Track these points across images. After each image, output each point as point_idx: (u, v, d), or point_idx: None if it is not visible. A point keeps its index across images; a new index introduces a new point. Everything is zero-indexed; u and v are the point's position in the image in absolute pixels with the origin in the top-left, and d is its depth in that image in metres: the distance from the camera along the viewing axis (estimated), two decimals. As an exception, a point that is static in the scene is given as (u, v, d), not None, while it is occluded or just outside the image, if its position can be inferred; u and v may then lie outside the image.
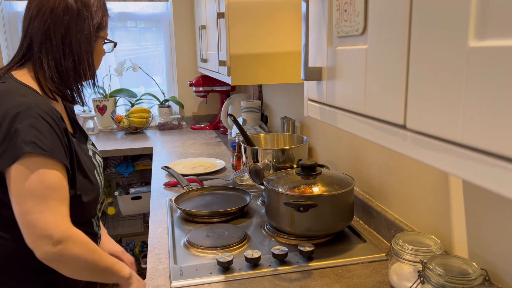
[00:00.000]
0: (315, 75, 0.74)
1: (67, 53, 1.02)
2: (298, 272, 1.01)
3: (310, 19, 0.77)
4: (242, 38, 1.43)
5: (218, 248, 1.11)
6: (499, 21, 0.35)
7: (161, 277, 1.01)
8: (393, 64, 0.51)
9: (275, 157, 1.36)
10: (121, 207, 2.57)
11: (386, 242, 1.16)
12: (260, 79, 1.47)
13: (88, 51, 1.05)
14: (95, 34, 1.06)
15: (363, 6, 0.57)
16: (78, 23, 1.02)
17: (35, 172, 0.90)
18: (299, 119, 1.89)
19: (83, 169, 1.06)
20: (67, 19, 1.00)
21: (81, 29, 1.02)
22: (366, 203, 1.27)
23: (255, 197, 1.51)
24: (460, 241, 0.91)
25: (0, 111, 0.92)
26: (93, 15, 1.04)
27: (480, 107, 0.37)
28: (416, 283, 0.79)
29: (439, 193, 0.97)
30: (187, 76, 3.00)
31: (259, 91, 2.54)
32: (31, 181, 0.90)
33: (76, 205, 1.02)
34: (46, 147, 0.91)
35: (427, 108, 0.45)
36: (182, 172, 1.79)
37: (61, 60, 1.02)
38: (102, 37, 1.09)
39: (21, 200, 0.90)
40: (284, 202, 1.08)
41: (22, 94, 0.95)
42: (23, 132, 0.89)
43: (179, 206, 1.36)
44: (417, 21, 0.46)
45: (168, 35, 3.00)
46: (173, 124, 2.91)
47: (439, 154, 0.43)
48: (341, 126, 0.67)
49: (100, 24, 1.07)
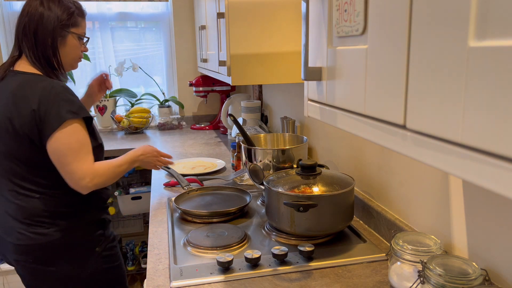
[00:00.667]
0: (315, 75, 0.74)
1: (38, 44, 1.31)
2: (298, 272, 1.01)
3: (310, 19, 0.77)
4: (242, 38, 1.43)
5: (218, 248, 1.11)
6: (499, 21, 0.35)
7: (161, 277, 1.01)
8: (393, 64, 0.51)
9: (275, 157, 1.36)
10: (121, 207, 2.57)
11: (386, 242, 1.16)
12: (260, 79, 1.47)
13: (53, 44, 1.32)
14: (61, 30, 1.33)
15: (363, 6, 0.57)
16: (44, 21, 1.30)
17: (73, 133, 1.25)
18: (299, 119, 1.89)
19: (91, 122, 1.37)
20: (37, 19, 1.30)
21: (46, 26, 1.30)
22: (366, 203, 1.27)
23: (255, 197, 1.51)
24: (460, 241, 0.91)
25: (35, 96, 1.23)
26: (58, 16, 1.32)
27: (480, 107, 0.37)
28: (416, 283, 0.79)
29: (439, 193, 0.97)
30: (187, 76, 3.00)
31: (259, 91, 2.54)
32: (70, 140, 1.24)
33: (101, 153, 1.42)
34: (76, 111, 1.26)
35: (427, 108, 0.45)
36: (182, 172, 1.79)
37: (35, 50, 1.31)
38: (71, 32, 1.36)
39: (62, 156, 1.24)
40: (284, 202, 1.08)
41: (40, 80, 1.28)
42: (58, 105, 1.23)
43: (179, 206, 1.36)
44: (417, 21, 0.46)
45: (168, 35, 3.00)
46: (173, 124, 2.91)
47: (439, 154, 0.43)
48: (341, 126, 0.67)
49: (66, 22, 1.33)
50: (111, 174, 1.34)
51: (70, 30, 1.35)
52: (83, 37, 1.41)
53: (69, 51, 1.37)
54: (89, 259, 1.39)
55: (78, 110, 1.27)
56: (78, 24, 1.37)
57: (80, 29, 1.38)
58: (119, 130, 2.90)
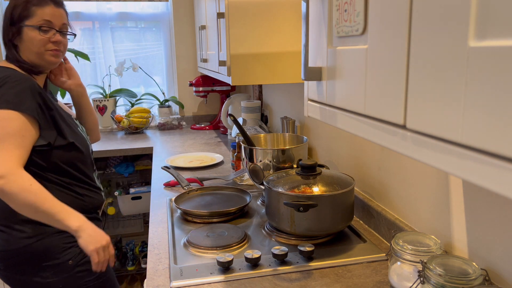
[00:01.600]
0: (315, 75, 0.74)
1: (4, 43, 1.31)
2: (298, 272, 1.01)
3: (310, 19, 0.77)
4: (242, 38, 1.43)
5: (218, 248, 1.11)
6: (499, 21, 0.35)
7: (161, 277, 1.01)
8: (393, 64, 0.51)
9: (275, 157, 1.36)
10: (121, 207, 2.57)
11: (386, 242, 1.16)
12: (260, 79, 1.47)
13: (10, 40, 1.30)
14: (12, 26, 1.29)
15: (363, 6, 0.57)
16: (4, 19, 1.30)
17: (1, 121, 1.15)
18: (299, 119, 1.89)
19: (67, 123, 1.32)
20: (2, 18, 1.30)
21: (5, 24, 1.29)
22: (366, 203, 1.27)
23: (255, 197, 1.51)
24: (460, 241, 0.91)
25: None
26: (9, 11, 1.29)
27: (480, 107, 0.37)
28: (416, 283, 0.79)
29: (439, 193, 0.97)
30: (187, 76, 3.00)
31: (259, 91, 2.54)
32: None
33: (76, 153, 1.32)
34: (12, 102, 1.17)
35: (427, 108, 0.45)
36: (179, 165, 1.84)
37: (5, 49, 1.32)
38: (25, 25, 1.28)
39: None
40: (284, 202, 1.08)
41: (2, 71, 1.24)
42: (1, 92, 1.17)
43: (179, 206, 1.36)
44: (417, 21, 0.46)
45: (168, 35, 3.00)
46: (173, 124, 2.91)
47: (439, 154, 0.43)
48: (341, 126, 0.67)
49: (17, 17, 1.28)
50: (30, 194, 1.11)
51: (24, 24, 1.27)
52: (41, 26, 1.27)
53: (29, 45, 1.28)
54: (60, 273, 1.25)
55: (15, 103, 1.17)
56: (32, 15, 1.27)
57: (35, 19, 1.27)
58: (119, 130, 2.90)
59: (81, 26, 2.85)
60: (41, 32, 1.28)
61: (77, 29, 2.85)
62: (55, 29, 1.30)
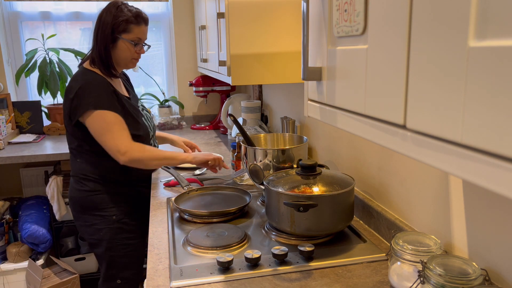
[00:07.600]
0: (315, 75, 0.74)
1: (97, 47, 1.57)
2: (298, 272, 1.01)
3: (310, 19, 0.77)
4: (242, 38, 1.43)
5: (218, 248, 1.11)
6: (499, 21, 0.35)
7: (161, 277, 1.01)
8: (393, 64, 0.51)
9: (275, 157, 1.36)
10: (121, 207, 2.57)
11: (386, 242, 1.16)
12: (260, 79, 1.47)
13: (105, 45, 1.56)
14: (112, 35, 1.55)
15: (363, 6, 0.57)
16: (103, 27, 1.55)
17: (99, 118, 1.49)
18: (299, 119, 1.89)
19: (131, 114, 1.61)
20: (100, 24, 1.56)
21: (103, 31, 1.55)
22: (366, 203, 1.27)
23: (255, 197, 1.51)
24: (460, 241, 0.91)
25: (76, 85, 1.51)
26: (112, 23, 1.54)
27: (480, 107, 0.37)
28: (416, 283, 0.79)
29: (439, 193, 0.97)
30: (187, 76, 3.00)
31: (259, 91, 2.54)
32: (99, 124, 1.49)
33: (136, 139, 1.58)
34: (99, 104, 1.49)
35: (427, 108, 0.45)
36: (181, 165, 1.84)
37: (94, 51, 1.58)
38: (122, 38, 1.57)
39: (100, 136, 1.50)
40: (284, 202, 1.08)
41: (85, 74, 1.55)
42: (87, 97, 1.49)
43: (179, 206, 1.36)
44: (417, 21, 0.46)
45: (168, 35, 3.00)
46: (173, 124, 2.91)
47: (439, 154, 0.43)
48: (341, 126, 0.67)
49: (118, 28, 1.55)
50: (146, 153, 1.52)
51: (121, 36, 1.56)
52: (134, 42, 1.58)
53: (120, 54, 1.59)
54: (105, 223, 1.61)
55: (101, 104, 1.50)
56: (130, 31, 1.56)
57: (131, 35, 1.57)
58: (119, 130, 2.90)
59: (81, 26, 2.85)
60: (134, 47, 1.59)
61: (77, 29, 2.85)
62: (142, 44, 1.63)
